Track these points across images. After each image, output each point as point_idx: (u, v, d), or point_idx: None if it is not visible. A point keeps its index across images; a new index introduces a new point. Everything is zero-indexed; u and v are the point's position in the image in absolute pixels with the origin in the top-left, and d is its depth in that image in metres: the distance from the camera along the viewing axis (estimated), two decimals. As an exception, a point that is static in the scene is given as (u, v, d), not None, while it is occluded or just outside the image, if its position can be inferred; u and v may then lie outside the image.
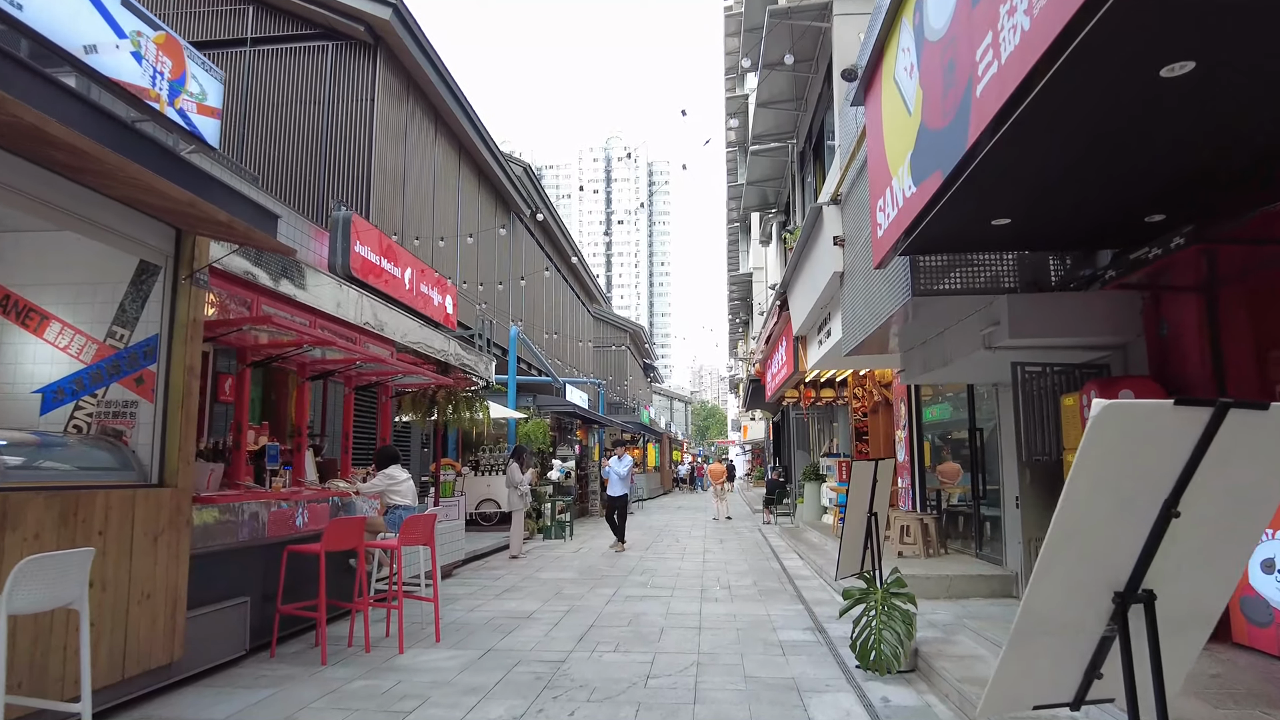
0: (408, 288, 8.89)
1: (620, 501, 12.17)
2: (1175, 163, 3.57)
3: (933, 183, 3.88)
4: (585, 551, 11.97)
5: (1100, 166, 3.64)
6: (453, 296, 10.56)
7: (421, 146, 17.35)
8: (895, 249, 4.91)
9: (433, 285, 9.81)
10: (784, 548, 12.48)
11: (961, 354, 6.25)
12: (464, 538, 9.71)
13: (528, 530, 13.91)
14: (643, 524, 17.77)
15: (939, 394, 10.51)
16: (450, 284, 10.54)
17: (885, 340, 7.60)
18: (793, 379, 12.66)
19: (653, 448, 34.70)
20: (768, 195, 14.61)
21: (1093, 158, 3.52)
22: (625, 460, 12.25)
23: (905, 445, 11.40)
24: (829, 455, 14.75)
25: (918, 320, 6.72)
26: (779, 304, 11.67)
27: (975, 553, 8.83)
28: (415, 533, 5.86)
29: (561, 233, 29.52)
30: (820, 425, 20.22)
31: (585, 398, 22.49)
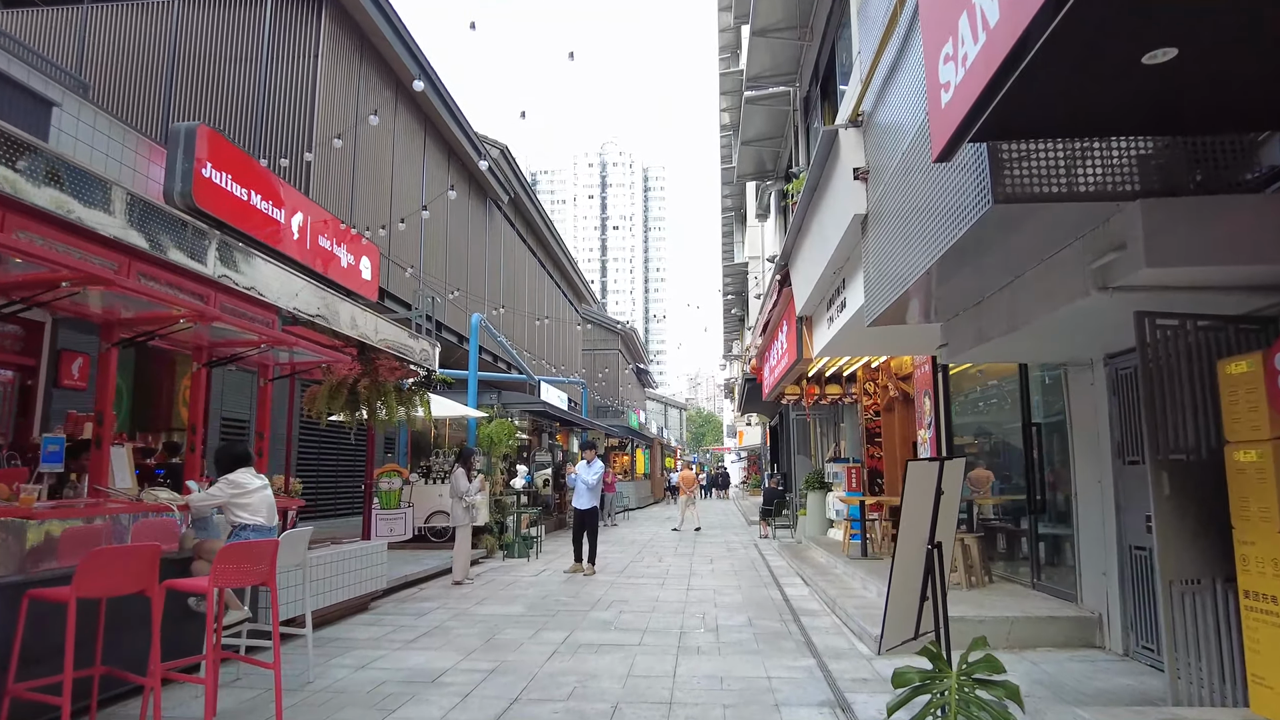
0: (297, 237, 6.95)
1: (590, 516, 10.24)
2: None
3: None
4: (547, 575, 10.01)
5: None
6: (372, 260, 8.64)
7: (382, 123, 15.44)
8: (970, 124, 3.02)
9: (340, 241, 7.86)
10: (785, 569, 10.54)
11: (1043, 310, 4.34)
12: (384, 561, 7.77)
13: (486, 547, 11.96)
14: (624, 538, 15.81)
15: (978, 384, 8.60)
16: (367, 242, 8.57)
17: (923, 303, 5.70)
18: (795, 370, 10.76)
19: (642, 454, 32.70)
20: (764, 160, 12.77)
21: None
22: (595, 466, 10.33)
23: (931, 447, 9.49)
24: (836, 460, 12.83)
25: (979, 264, 4.82)
26: (779, 280, 9.78)
27: (1031, 582, 6.90)
28: (241, 567, 3.92)
29: (545, 224, 27.64)
30: (823, 428, 18.33)
31: (564, 398, 20.55)
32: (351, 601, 7.11)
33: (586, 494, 10.20)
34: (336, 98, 13.64)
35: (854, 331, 7.61)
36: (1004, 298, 4.87)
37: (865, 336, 8.13)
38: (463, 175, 20.75)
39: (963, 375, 8.93)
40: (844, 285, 7.39)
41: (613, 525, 19.09)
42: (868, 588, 7.78)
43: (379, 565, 7.69)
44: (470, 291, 20.80)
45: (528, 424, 19.17)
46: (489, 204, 22.84)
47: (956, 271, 4.92)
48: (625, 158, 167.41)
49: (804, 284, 8.60)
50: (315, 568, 6.42)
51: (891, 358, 11.16)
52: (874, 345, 8.71)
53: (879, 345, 8.72)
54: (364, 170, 14.53)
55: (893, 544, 10.17)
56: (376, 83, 15.48)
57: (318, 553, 6.54)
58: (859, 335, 7.91)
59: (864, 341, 8.40)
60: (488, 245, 22.62)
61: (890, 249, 5.35)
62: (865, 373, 12.46)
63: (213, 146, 5.87)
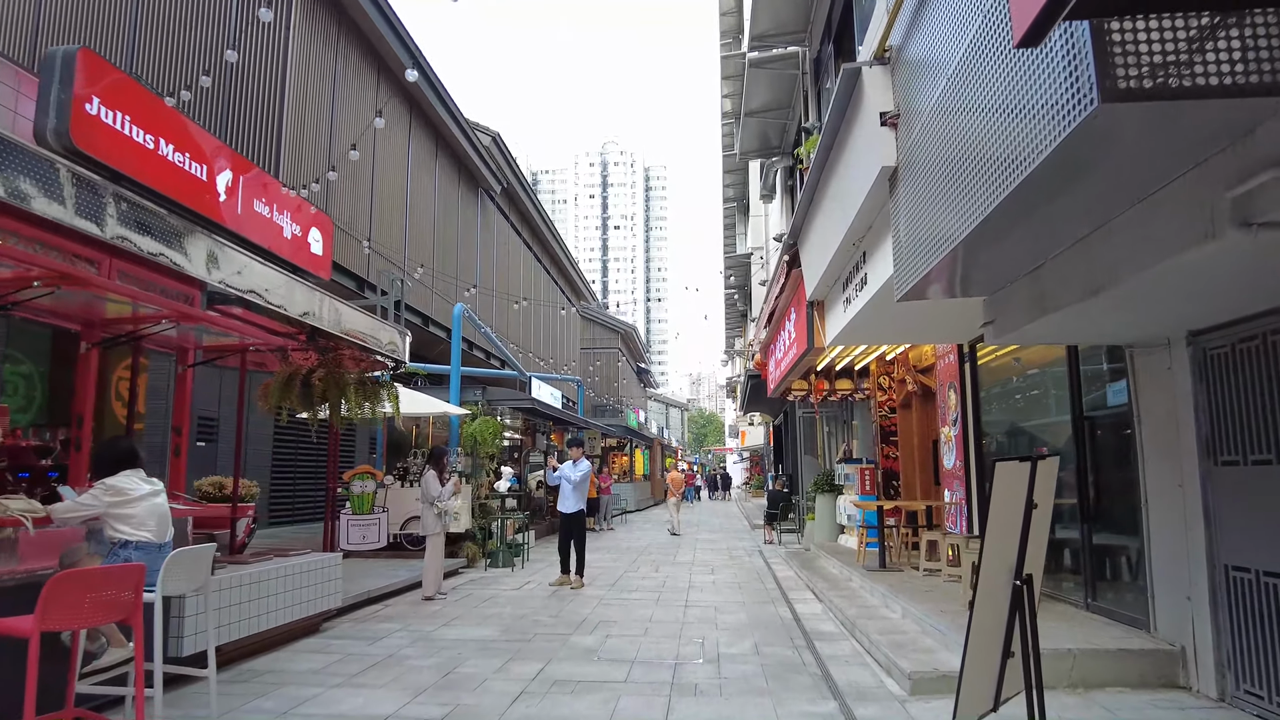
0: (225, 199, 5.97)
1: (576, 522, 9.28)
2: None
3: None
4: (531, 588, 9.05)
5: None
6: (324, 233, 7.66)
7: (357, 95, 14.52)
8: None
9: (283, 208, 6.87)
10: (793, 581, 9.56)
11: (1142, 263, 3.37)
12: (339, 576, 6.80)
13: (467, 555, 10.99)
14: (619, 544, 14.84)
15: (1013, 374, 7.63)
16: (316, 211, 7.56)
17: (966, 271, 4.72)
18: (803, 363, 9.79)
19: (641, 454, 31.72)
20: (769, 136, 11.80)
21: None
22: (582, 465, 9.36)
23: (957, 446, 8.52)
24: (847, 461, 11.85)
25: (1046, 213, 3.83)
26: (786, 262, 8.81)
27: (1084, 602, 5.92)
28: (81, 600, 2.96)
29: (541, 216, 26.69)
30: (831, 427, 17.34)
31: (558, 396, 19.58)
32: (295, 625, 6.15)
33: (572, 496, 9.23)
34: (310, 71, 12.70)
35: (875, 314, 6.65)
36: (1080, 255, 3.89)
37: (887, 321, 7.17)
38: (452, 162, 19.80)
39: (995, 365, 7.96)
40: (864, 259, 6.42)
41: (609, 530, 18.13)
42: (890, 607, 6.80)
43: (332, 581, 6.73)
44: (460, 284, 19.86)
45: (520, 423, 18.22)
46: (480, 194, 21.89)
47: (1013, 228, 3.93)
48: (627, 157, 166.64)
49: (816, 262, 7.64)
50: (245, 587, 5.47)
51: (910, 349, 10.20)
52: (896, 331, 7.75)
53: (902, 331, 7.75)
54: (342, 151, 13.59)
55: (912, 553, 9.14)
56: (354, 60, 14.54)
57: (247, 570, 5.58)
58: (880, 319, 6.95)
59: (885, 327, 7.44)
60: (479, 237, 21.67)
61: (926, 206, 4.39)
62: (879, 366, 11.49)
63: (98, 76, 4.82)
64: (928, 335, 8.20)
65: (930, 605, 6.20)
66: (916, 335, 8.20)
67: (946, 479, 8.91)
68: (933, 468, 10.55)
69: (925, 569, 8.06)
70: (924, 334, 8.10)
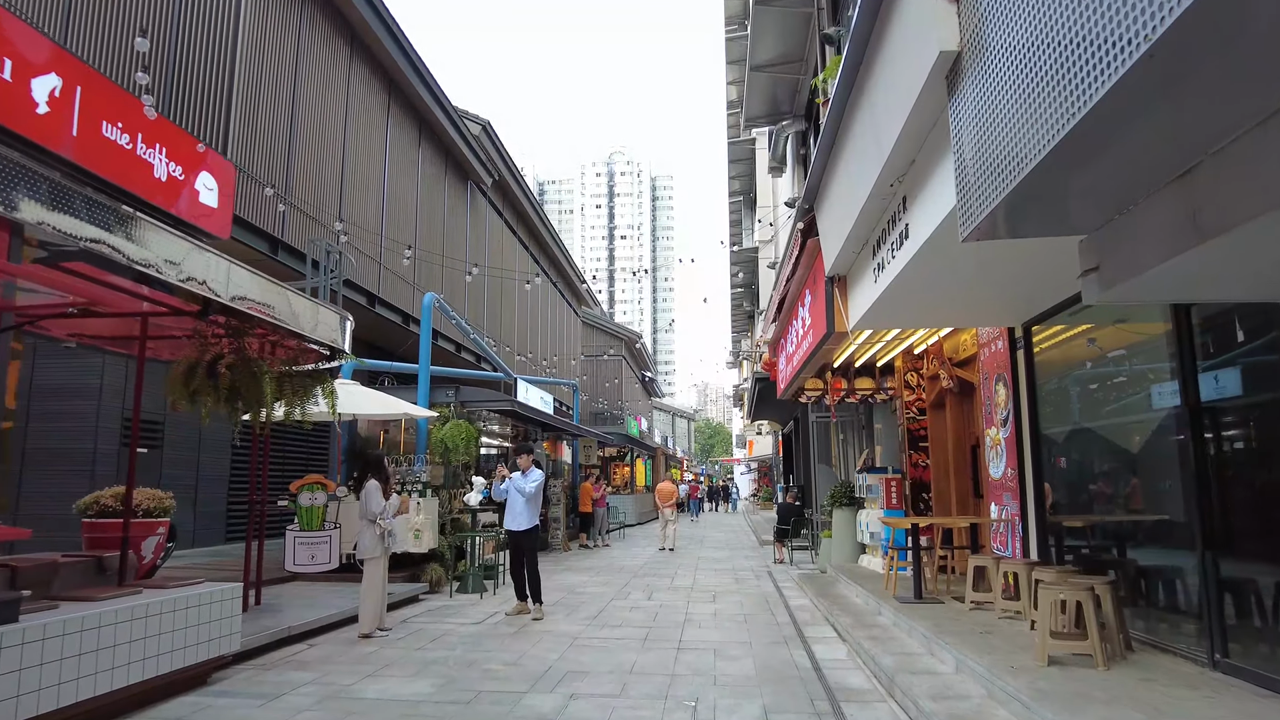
0: (45, 110, 4.51)
1: (527, 540, 7.87)
2: None
3: None
4: (494, 622, 7.60)
5: None
6: (222, 181, 6.25)
7: (325, 71, 13.24)
8: None
9: (151, 140, 5.45)
10: (809, 612, 8.08)
11: None
12: (236, 613, 5.36)
13: (431, 579, 9.54)
14: (613, 562, 13.36)
15: (1086, 358, 6.17)
16: (207, 150, 6.12)
17: (1077, 182, 3.26)
18: (821, 353, 8.34)
19: (643, 464, 30.19)
20: (779, 97, 10.42)
21: None
22: (534, 475, 7.93)
23: (1008, 451, 7.06)
24: (870, 470, 10.37)
25: (1204, 81, 2.40)
26: (801, 231, 7.39)
27: (1210, 658, 4.42)
28: None
29: (537, 214, 25.37)
30: (846, 433, 15.84)
31: (549, 400, 18.16)
32: (168, 679, 4.71)
33: (524, 510, 7.80)
34: (267, 40, 11.41)
35: (915, 281, 5.24)
36: (1269, 138, 2.45)
37: (927, 292, 5.74)
38: (437, 150, 18.51)
39: (1057, 351, 6.50)
40: (904, 207, 4.99)
41: (604, 546, 16.64)
42: (938, 655, 5.32)
43: (227, 619, 5.29)
44: (450, 284, 18.53)
45: (510, 430, 16.80)
46: (470, 186, 20.59)
47: (1143, 115, 2.48)
48: (633, 167, 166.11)
49: (839, 224, 6.22)
50: (85, 634, 4.05)
51: (945, 337, 8.74)
52: (935, 307, 6.30)
53: (942, 307, 6.31)
54: (307, 132, 12.29)
55: (950, 578, 7.62)
56: (322, 30, 13.26)
57: (92, 610, 4.16)
58: (919, 289, 5.54)
59: (923, 302, 6.00)
60: (469, 232, 20.35)
61: (1004, 104, 2.99)
62: (906, 361, 10.03)
63: None
64: (973, 314, 6.74)
65: (996, 658, 4.71)
66: (959, 314, 6.74)
67: (993, 491, 7.44)
68: (971, 477, 9.07)
69: (972, 601, 6.57)
70: (968, 312, 6.64)
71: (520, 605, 7.87)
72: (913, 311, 6.45)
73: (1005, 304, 6.36)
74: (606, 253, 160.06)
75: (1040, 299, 6.24)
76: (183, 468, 12.22)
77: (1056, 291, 5.95)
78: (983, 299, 6.17)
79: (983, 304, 6.35)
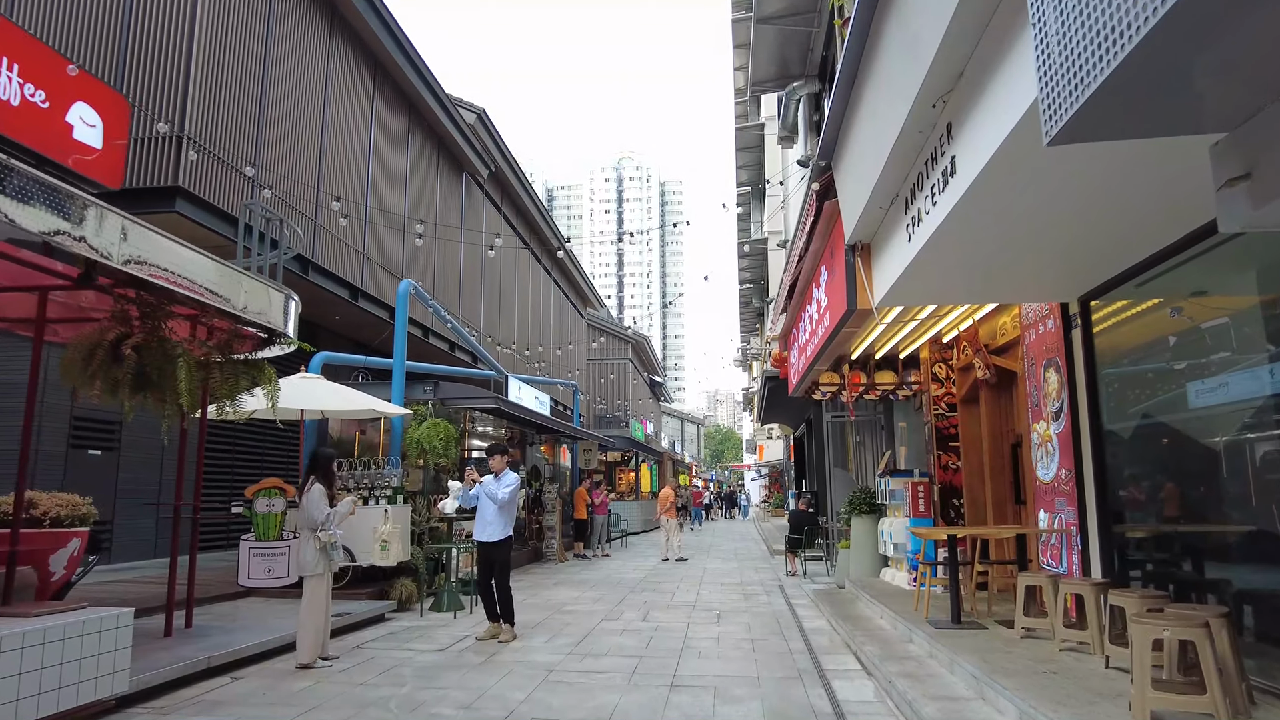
0: None
1: (499, 553, 6.88)
2: None
3: None
4: (461, 649, 6.59)
5: None
6: (107, 116, 5.27)
7: (300, 48, 12.33)
8: None
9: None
10: (828, 637, 7.02)
11: None
12: (128, 643, 4.37)
13: (400, 596, 8.54)
14: (611, 575, 12.32)
15: (1166, 332, 5.10)
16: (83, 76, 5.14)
17: (1217, 49, 2.23)
18: (839, 338, 7.31)
19: (648, 469, 29.12)
20: (788, 58, 9.38)
21: None
22: (508, 479, 6.93)
23: (1061, 449, 5.99)
24: (893, 474, 9.30)
25: None
26: (816, 193, 6.37)
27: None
28: None
29: (537, 209, 24.44)
30: (863, 435, 14.76)
31: (545, 401, 17.16)
32: None
33: (496, 519, 6.81)
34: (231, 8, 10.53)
35: (958, 235, 4.21)
36: None
37: (971, 253, 4.70)
38: (429, 139, 17.61)
39: (1125, 328, 5.44)
40: (948, 136, 3.97)
41: (604, 556, 15.59)
42: (993, 701, 4.25)
43: (111, 653, 4.29)
44: (445, 282, 17.59)
45: (504, 433, 15.80)
46: (465, 178, 19.67)
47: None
48: (642, 172, 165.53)
49: (864, 175, 5.20)
50: None
51: (981, 321, 7.69)
52: (980, 275, 5.23)
53: (988, 274, 5.24)
54: (280, 112, 11.36)
55: (992, 597, 6.57)
56: (302, 4, 12.39)
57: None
58: (962, 247, 4.51)
59: (966, 265, 4.96)
60: (464, 226, 19.42)
61: None
62: (934, 351, 8.97)
63: None
64: (1020, 285, 5.67)
65: (1075, 711, 3.65)
66: (1003, 286, 5.66)
67: (1041, 496, 6.36)
68: (1011, 480, 7.99)
69: (1024, 628, 5.50)
70: (1015, 283, 5.57)
71: (492, 628, 6.87)
72: (949, 281, 5.40)
73: (1058, 272, 5.31)
74: (615, 257, 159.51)
75: (1100, 266, 5.20)
76: (142, 471, 11.27)
77: (1121, 255, 4.91)
78: (1032, 266, 5.13)
79: (1032, 272, 5.30)
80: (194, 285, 5.07)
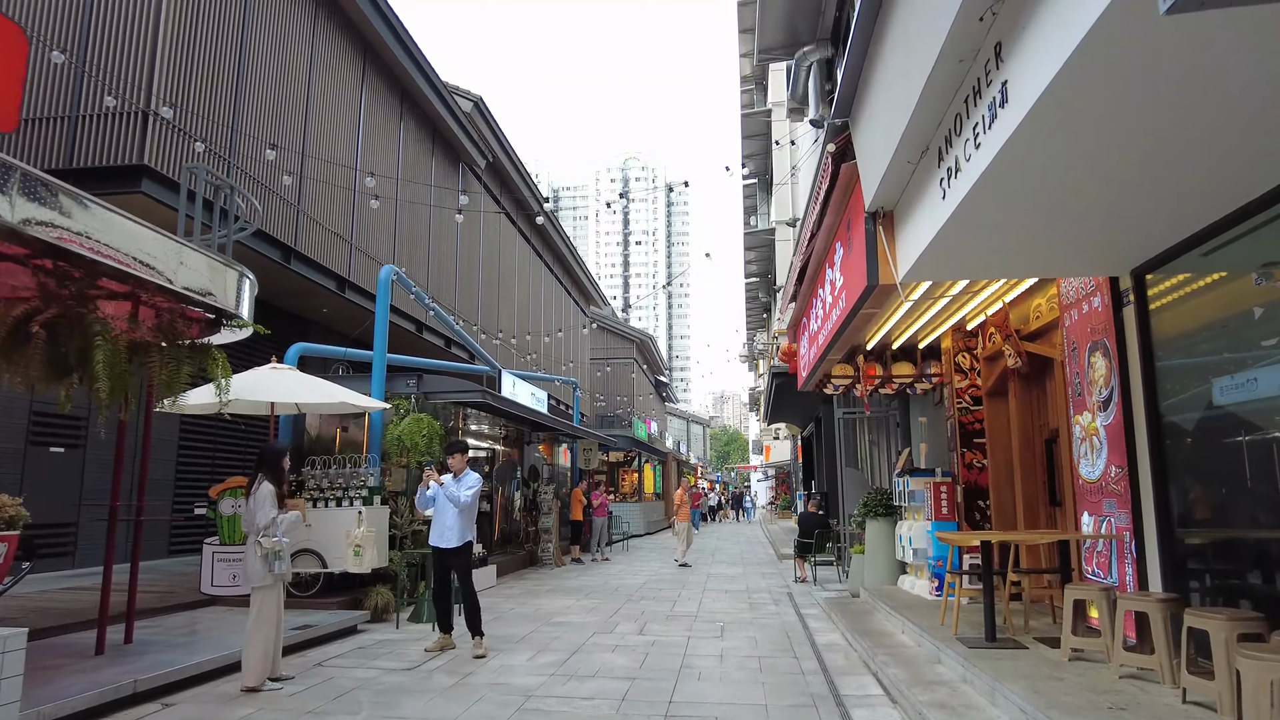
0: None
1: (458, 559, 6.24)
2: None
3: None
4: (433, 668, 5.91)
5: None
6: None
7: (281, 26, 11.66)
8: None
9: None
10: (844, 655, 6.30)
11: None
12: (18, 670, 3.71)
13: (374, 605, 7.86)
14: (608, 581, 11.63)
15: (1253, 303, 4.36)
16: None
17: None
18: (858, 318, 6.58)
19: (652, 470, 28.40)
20: (798, 26, 8.64)
21: None
22: (469, 480, 6.26)
23: (1110, 443, 5.27)
24: (914, 473, 8.58)
25: None
26: (832, 155, 5.66)
27: None
28: None
29: (538, 201, 23.77)
30: (875, 433, 14.03)
31: (543, 398, 16.48)
32: None
33: (456, 523, 6.17)
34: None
35: (1003, 188, 3.51)
36: None
37: (1016, 212, 4.00)
38: (423, 127, 16.97)
39: (1189, 304, 4.72)
40: (996, 60, 3.26)
41: (603, 560, 14.89)
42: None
43: None
44: (441, 277, 16.95)
45: (500, 431, 15.12)
46: (462, 169, 19.02)
47: None
48: (648, 172, 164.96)
49: (888, 126, 4.49)
50: None
51: (1012, 304, 6.96)
52: (1023, 241, 4.50)
53: (1031, 242, 4.51)
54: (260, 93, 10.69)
55: (1028, 610, 5.80)
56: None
57: None
58: (1007, 204, 3.80)
59: (1009, 227, 4.24)
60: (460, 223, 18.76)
61: None
62: (956, 340, 8.25)
63: None
64: (1066, 256, 4.93)
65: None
66: (1047, 256, 4.92)
67: (1085, 496, 5.63)
68: (1045, 480, 7.26)
69: (1072, 649, 4.78)
70: (1059, 254, 4.84)
71: (443, 639, 6.31)
72: (985, 250, 4.68)
73: (1109, 242, 4.60)
74: (621, 258, 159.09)
75: (1158, 233, 4.48)
76: (110, 470, 10.61)
77: (1185, 219, 4.20)
78: (1078, 235, 4.41)
79: (1077, 242, 4.58)
80: (117, 254, 4.41)
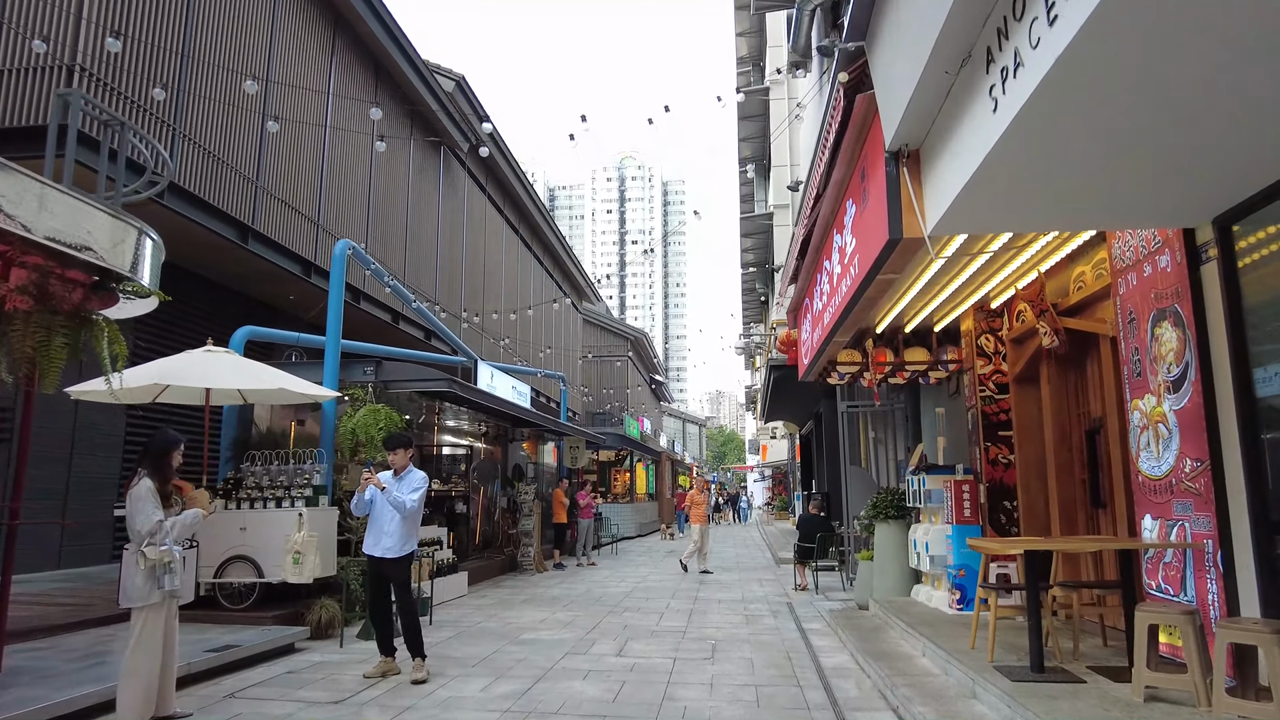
0: None
1: (396, 571, 5.36)
2: None
3: None
4: (358, 703, 4.96)
5: None
6: None
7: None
8: None
9: None
10: (853, 680, 5.37)
11: None
12: None
13: (316, 621, 6.89)
14: (592, 589, 10.69)
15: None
16: None
17: None
18: (872, 285, 5.63)
19: (644, 469, 27.46)
20: (803, -34, 7.74)
21: None
22: (412, 479, 5.36)
23: (1184, 429, 4.34)
24: (930, 470, 7.65)
25: None
26: (844, 87, 4.73)
27: None
28: None
29: (525, 190, 22.84)
30: (880, 429, 13.12)
31: (525, 392, 15.54)
32: None
33: (398, 530, 5.29)
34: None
35: (1079, 93, 2.56)
36: None
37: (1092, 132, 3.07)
38: (400, 105, 16.02)
39: None
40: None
41: (589, 565, 13.94)
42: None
43: None
44: (420, 265, 16.00)
45: (481, 428, 14.18)
46: (444, 153, 18.07)
47: None
48: (644, 172, 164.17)
49: (919, 32, 3.55)
50: None
51: (1047, 275, 6.03)
52: (1090, 177, 3.55)
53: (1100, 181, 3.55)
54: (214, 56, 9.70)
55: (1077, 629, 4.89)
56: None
57: None
58: (1083, 113, 2.86)
59: (1076, 155, 3.31)
60: (441, 205, 17.82)
61: None
62: (979, 320, 7.34)
63: None
64: (1137, 202, 3.98)
65: None
66: (1117, 201, 3.97)
67: (1147, 496, 4.71)
68: (1086, 478, 6.33)
69: (1147, 688, 3.85)
70: (1130, 197, 3.90)
71: (385, 662, 5.39)
72: (1042, 182, 3.74)
73: (1192, 178, 3.67)
74: (618, 258, 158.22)
75: (1254, 171, 3.58)
76: (49, 468, 9.66)
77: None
78: (1159, 163, 3.47)
79: (1157, 175, 3.64)
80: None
